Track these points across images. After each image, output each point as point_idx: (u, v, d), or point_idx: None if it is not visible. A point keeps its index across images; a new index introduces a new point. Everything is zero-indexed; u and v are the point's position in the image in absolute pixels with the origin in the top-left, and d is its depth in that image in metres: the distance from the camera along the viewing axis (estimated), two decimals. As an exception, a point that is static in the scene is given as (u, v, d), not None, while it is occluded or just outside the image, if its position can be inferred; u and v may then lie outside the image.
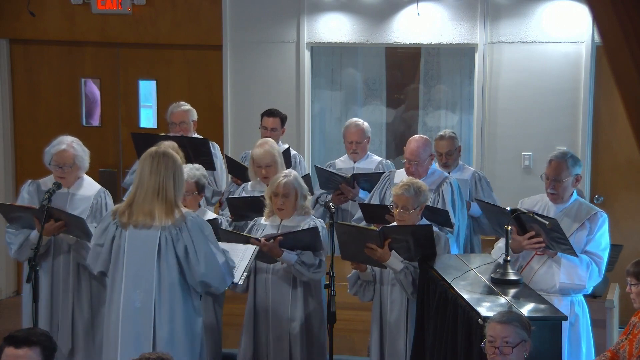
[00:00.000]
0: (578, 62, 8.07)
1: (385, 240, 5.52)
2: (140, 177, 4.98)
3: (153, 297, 4.88)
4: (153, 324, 4.88)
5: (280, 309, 5.81)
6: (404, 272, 5.55)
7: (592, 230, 5.37)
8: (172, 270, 4.90)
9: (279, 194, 5.82)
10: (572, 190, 5.50)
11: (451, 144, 7.11)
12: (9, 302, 9.23)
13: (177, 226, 4.89)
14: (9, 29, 9.24)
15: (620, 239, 7.88)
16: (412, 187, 5.65)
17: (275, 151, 6.58)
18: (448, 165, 7.09)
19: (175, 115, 7.55)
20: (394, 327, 5.71)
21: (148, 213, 4.91)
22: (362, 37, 8.51)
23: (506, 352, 4.29)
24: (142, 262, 4.91)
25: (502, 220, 5.39)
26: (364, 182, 6.97)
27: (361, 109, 8.78)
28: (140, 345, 4.82)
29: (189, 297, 4.97)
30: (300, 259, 5.70)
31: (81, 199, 6.13)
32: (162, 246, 4.89)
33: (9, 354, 3.91)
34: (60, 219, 5.85)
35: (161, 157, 4.97)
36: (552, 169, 5.45)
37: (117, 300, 4.94)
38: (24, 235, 6.01)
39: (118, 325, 4.92)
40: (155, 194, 4.91)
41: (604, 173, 8.23)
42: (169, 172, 4.95)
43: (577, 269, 5.26)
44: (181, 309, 4.91)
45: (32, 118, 9.37)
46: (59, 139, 6.17)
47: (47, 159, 6.15)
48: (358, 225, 5.80)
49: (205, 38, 8.87)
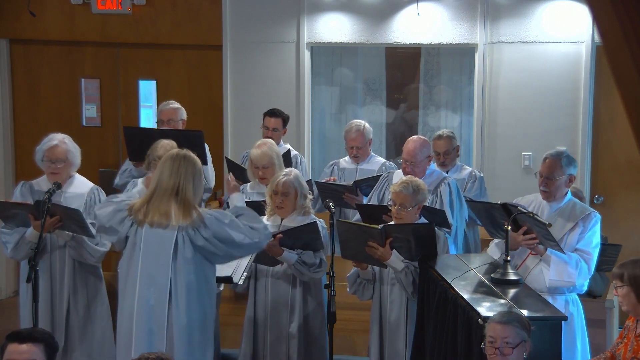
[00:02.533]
0: (578, 62, 8.07)
1: (386, 239, 5.52)
2: (159, 178, 5.01)
3: (167, 295, 4.89)
4: (167, 322, 4.89)
5: (280, 309, 5.81)
6: (405, 271, 5.55)
7: (585, 229, 5.39)
8: (188, 269, 4.92)
9: (278, 192, 5.82)
10: (565, 190, 5.51)
11: (448, 144, 7.11)
12: (9, 302, 9.22)
13: (194, 227, 4.91)
14: (9, 29, 9.24)
15: (620, 239, 7.88)
16: (411, 185, 5.66)
17: (274, 152, 6.57)
18: (445, 165, 7.09)
19: (164, 113, 7.51)
20: (393, 326, 5.71)
21: (164, 213, 4.93)
22: (362, 37, 8.51)
23: (506, 353, 4.29)
24: (158, 261, 4.93)
25: (495, 217, 5.41)
26: (365, 187, 6.95)
27: (361, 109, 8.78)
28: (153, 342, 4.86)
29: (205, 294, 4.99)
30: (300, 258, 5.70)
31: (74, 197, 6.12)
32: (178, 246, 4.92)
33: (12, 350, 3.91)
34: (56, 214, 5.83)
35: (182, 160, 5.01)
36: (545, 166, 5.49)
37: (131, 298, 4.96)
38: (19, 234, 5.99)
39: (132, 323, 4.94)
40: (173, 195, 4.94)
41: (604, 173, 8.23)
42: (189, 175, 4.98)
43: (566, 267, 5.28)
44: (196, 307, 4.94)
45: (32, 118, 9.37)
46: (50, 136, 6.17)
47: (38, 157, 6.13)
48: (360, 223, 5.79)
49: (205, 38, 8.87)
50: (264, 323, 5.85)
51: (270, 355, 5.83)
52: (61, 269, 6.10)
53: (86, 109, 9.28)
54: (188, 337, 4.91)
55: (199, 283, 4.96)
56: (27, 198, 6.11)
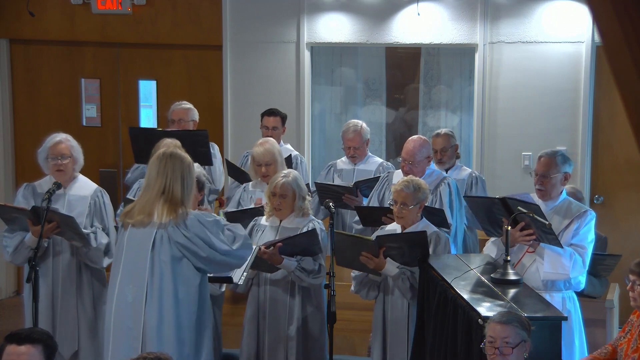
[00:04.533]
0: (578, 62, 8.07)
1: (380, 249, 5.54)
2: (147, 180, 4.99)
3: (145, 292, 4.86)
4: (143, 317, 4.85)
5: (279, 310, 5.81)
6: (401, 278, 5.57)
7: (580, 226, 5.43)
8: (165, 265, 4.86)
9: (276, 194, 5.81)
10: (560, 189, 5.55)
11: (446, 141, 7.11)
12: (9, 302, 9.23)
13: (175, 224, 4.87)
14: (9, 29, 9.24)
15: (620, 239, 7.89)
16: (412, 183, 5.68)
17: (276, 150, 6.59)
18: (442, 163, 7.09)
19: (176, 112, 7.57)
20: (395, 327, 5.71)
21: (148, 213, 4.90)
22: (362, 37, 8.51)
23: (506, 353, 4.29)
24: (137, 258, 4.90)
25: (493, 214, 5.42)
26: (365, 188, 6.95)
27: (361, 109, 8.78)
28: (130, 339, 4.82)
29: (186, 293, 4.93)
30: (300, 265, 5.70)
31: (78, 200, 6.08)
32: (156, 243, 4.87)
33: (11, 352, 3.90)
34: (53, 220, 5.80)
35: (168, 159, 4.95)
36: (541, 165, 5.53)
37: (112, 296, 4.96)
38: (20, 238, 5.93)
39: (111, 320, 4.93)
40: (159, 195, 4.90)
41: (604, 173, 8.23)
42: (177, 174, 4.93)
43: (560, 258, 5.31)
44: (171, 302, 4.87)
45: (32, 118, 9.37)
46: (52, 135, 6.15)
47: (42, 156, 6.08)
48: (353, 235, 5.80)
49: (205, 38, 8.87)
50: (263, 323, 5.85)
51: (269, 356, 5.83)
52: (65, 272, 6.06)
53: (86, 109, 9.29)
54: (159, 337, 4.84)
55: (176, 282, 4.89)
56: (29, 200, 6.07)
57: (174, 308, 4.88)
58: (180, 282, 4.91)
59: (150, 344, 4.82)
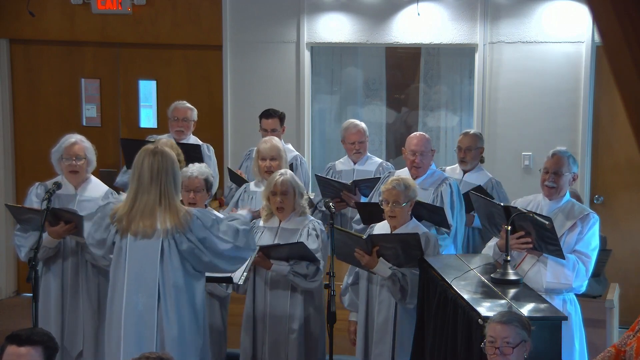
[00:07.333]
0: (578, 62, 8.07)
1: (373, 247, 5.55)
2: (138, 182, 4.92)
3: (156, 299, 4.86)
4: (156, 326, 4.86)
5: (279, 309, 5.81)
6: (392, 279, 5.57)
7: (583, 230, 5.40)
8: (176, 272, 4.87)
9: (277, 193, 5.81)
10: (567, 189, 5.53)
11: (473, 141, 7.09)
12: (9, 302, 9.23)
13: (180, 230, 4.86)
14: (9, 29, 9.24)
15: (620, 239, 7.89)
16: (402, 182, 5.74)
17: (281, 145, 6.66)
18: (465, 162, 7.07)
19: (180, 111, 7.59)
20: (381, 327, 5.71)
21: (149, 224, 4.87)
22: (362, 37, 8.51)
23: (506, 353, 4.29)
24: (144, 269, 4.88)
25: (493, 215, 5.41)
26: (364, 187, 6.96)
27: (361, 109, 8.78)
28: (143, 347, 4.81)
29: (193, 296, 4.96)
30: (292, 269, 5.69)
31: (89, 201, 6.06)
32: (165, 253, 4.87)
33: (11, 353, 3.90)
34: (72, 220, 5.80)
35: (160, 160, 4.91)
36: (553, 162, 5.51)
37: (119, 303, 4.92)
38: (35, 238, 5.94)
39: (120, 328, 4.90)
40: (157, 203, 4.88)
41: (604, 173, 8.23)
42: (170, 177, 4.91)
43: (563, 269, 5.27)
44: (187, 309, 4.90)
45: (32, 118, 9.37)
46: (66, 136, 6.15)
47: (56, 156, 6.08)
48: (348, 231, 5.81)
49: (205, 38, 8.87)
50: (263, 323, 5.85)
51: (270, 356, 5.82)
52: (73, 273, 6.05)
53: (86, 109, 9.29)
54: (180, 340, 4.87)
55: (188, 285, 4.91)
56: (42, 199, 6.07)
57: (192, 313, 4.92)
58: (193, 288, 4.94)
59: (172, 350, 4.80)
